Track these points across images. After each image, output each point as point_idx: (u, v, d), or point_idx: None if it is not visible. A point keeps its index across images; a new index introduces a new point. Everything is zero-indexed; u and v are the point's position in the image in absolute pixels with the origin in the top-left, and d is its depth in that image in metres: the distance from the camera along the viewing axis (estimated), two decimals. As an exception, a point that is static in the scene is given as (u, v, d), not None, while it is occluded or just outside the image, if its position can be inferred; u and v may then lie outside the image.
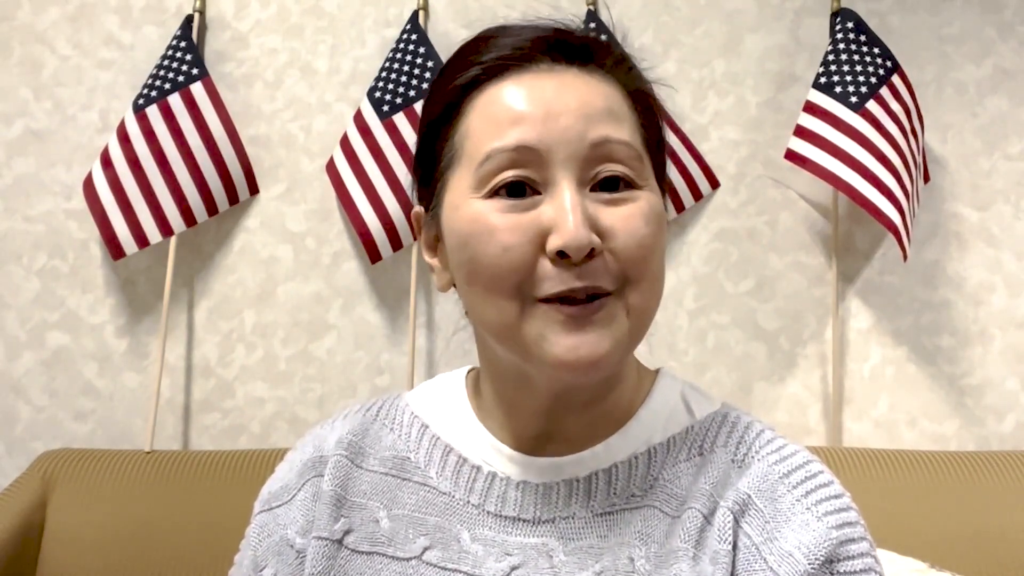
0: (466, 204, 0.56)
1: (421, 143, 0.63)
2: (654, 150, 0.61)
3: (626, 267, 0.55)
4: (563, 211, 0.53)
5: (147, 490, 1.63)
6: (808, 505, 0.56)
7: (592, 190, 0.56)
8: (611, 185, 0.56)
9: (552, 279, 0.54)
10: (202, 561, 1.56)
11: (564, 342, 0.54)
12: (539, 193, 0.55)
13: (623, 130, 0.57)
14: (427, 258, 0.64)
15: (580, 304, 0.54)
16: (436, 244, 0.63)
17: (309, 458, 0.68)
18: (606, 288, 0.54)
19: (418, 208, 0.65)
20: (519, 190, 0.55)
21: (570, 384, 0.58)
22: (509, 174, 0.55)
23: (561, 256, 0.53)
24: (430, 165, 0.61)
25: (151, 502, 1.62)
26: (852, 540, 0.55)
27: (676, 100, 1.93)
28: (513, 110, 0.56)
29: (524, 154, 0.55)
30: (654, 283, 0.57)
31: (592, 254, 0.53)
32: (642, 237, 0.55)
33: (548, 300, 0.54)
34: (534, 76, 0.57)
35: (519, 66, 0.58)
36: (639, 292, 0.56)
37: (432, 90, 0.62)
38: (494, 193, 0.55)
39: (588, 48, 0.59)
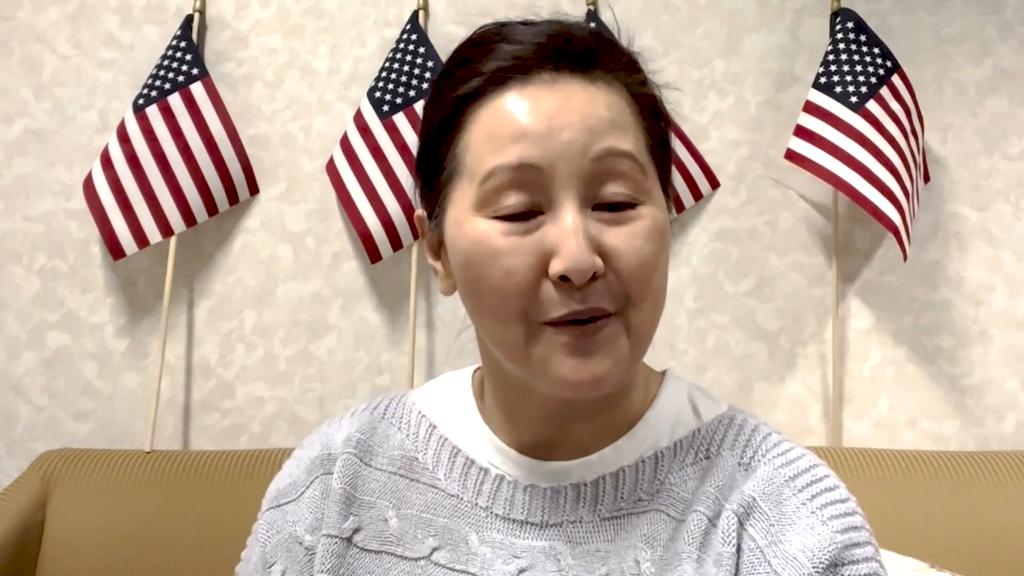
0: (468, 222, 0.56)
1: (422, 150, 0.62)
2: (658, 156, 0.60)
3: (629, 287, 0.55)
4: (566, 234, 0.53)
5: (147, 490, 1.63)
6: (813, 509, 0.56)
7: (595, 208, 0.55)
8: (614, 202, 0.55)
9: (555, 303, 0.54)
10: (202, 561, 1.56)
11: (568, 364, 0.54)
12: (542, 212, 0.55)
13: (627, 140, 0.56)
14: (430, 260, 0.64)
15: (583, 324, 0.54)
16: (439, 249, 0.62)
17: (317, 455, 0.68)
18: (608, 310, 0.54)
19: (420, 212, 0.64)
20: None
21: (573, 400, 0.58)
22: (512, 200, 0.54)
23: (563, 279, 0.53)
24: (432, 173, 0.60)
25: (151, 502, 1.61)
26: (857, 544, 0.55)
27: (676, 100, 1.93)
28: (514, 126, 0.55)
29: (526, 172, 0.54)
30: (656, 301, 0.57)
31: (595, 276, 0.53)
32: (645, 256, 0.55)
33: (552, 323, 0.54)
34: (536, 88, 0.56)
35: (521, 77, 0.56)
36: (640, 312, 0.56)
37: (433, 96, 0.61)
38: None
39: (592, 53, 0.58)
